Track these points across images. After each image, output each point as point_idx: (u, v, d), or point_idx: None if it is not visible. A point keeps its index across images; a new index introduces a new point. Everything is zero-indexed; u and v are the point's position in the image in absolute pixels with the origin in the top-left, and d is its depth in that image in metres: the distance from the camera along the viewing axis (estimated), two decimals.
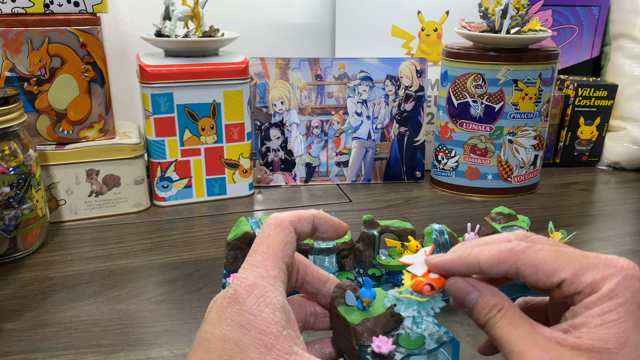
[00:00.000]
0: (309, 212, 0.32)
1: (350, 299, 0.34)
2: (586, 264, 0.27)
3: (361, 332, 0.33)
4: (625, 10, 1.00)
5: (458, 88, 0.82)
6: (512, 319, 0.28)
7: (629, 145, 0.97)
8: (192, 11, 0.76)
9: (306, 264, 0.34)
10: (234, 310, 0.27)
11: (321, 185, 0.90)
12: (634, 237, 0.71)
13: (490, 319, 0.29)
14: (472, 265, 0.30)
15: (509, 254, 0.29)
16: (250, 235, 0.54)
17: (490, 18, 0.80)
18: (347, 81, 0.87)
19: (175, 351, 0.47)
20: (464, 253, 0.30)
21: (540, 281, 0.28)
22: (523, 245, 0.29)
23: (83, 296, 0.56)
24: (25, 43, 0.68)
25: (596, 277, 0.27)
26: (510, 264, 0.29)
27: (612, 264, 0.27)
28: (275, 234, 0.30)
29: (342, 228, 0.34)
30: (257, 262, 0.29)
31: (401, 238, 0.56)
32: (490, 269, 0.29)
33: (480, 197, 0.85)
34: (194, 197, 0.81)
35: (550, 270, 0.28)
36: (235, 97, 0.78)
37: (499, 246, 0.29)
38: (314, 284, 0.34)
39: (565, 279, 0.28)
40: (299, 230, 0.31)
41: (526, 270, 0.28)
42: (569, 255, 0.28)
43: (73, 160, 0.72)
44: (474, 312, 0.30)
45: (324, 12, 1.00)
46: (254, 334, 0.26)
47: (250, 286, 0.27)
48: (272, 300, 0.27)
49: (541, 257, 0.28)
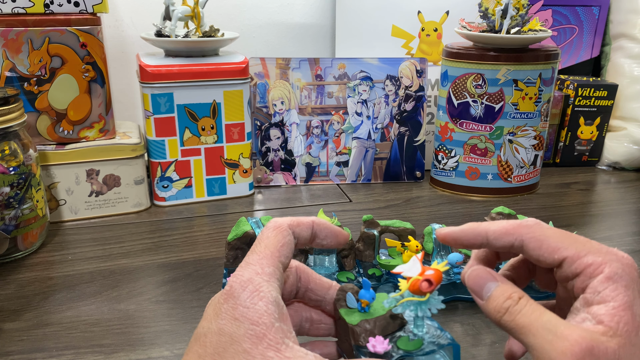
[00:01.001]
0: (309, 218, 0.33)
1: (350, 301, 0.34)
2: (589, 247, 0.29)
3: (359, 333, 0.33)
4: (625, 10, 1.00)
5: (458, 88, 0.82)
6: (535, 307, 0.28)
7: (629, 145, 0.97)
8: (192, 11, 0.76)
9: (308, 272, 0.35)
10: (229, 305, 0.28)
11: (321, 185, 0.90)
12: (634, 237, 0.71)
13: (511, 306, 0.29)
14: (480, 234, 0.31)
15: (517, 226, 0.30)
16: (250, 235, 0.54)
17: (490, 18, 0.80)
18: (347, 81, 0.87)
19: (175, 351, 0.47)
20: (474, 224, 0.32)
21: (542, 256, 0.29)
22: (532, 221, 0.31)
23: (83, 296, 0.56)
24: (26, 43, 0.68)
25: (597, 260, 0.28)
26: (516, 235, 0.30)
27: (613, 252, 0.28)
28: (273, 235, 0.31)
29: (342, 236, 0.34)
30: (254, 260, 0.29)
31: (401, 238, 0.56)
32: (498, 239, 0.30)
33: (480, 197, 0.85)
34: (194, 197, 0.81)
35: (554, 247, 0.29)
36: (236, 97, 0.78)
37: (508, 221, 0.31)
38: (318, 291, 0.35)
39: (567, 257, 0.28)
40: (297, 235, 0.32)
41: (530, 243, 0.30)
42: (573, 237, 0.29)
43: (73, 160, 0.72)
44: (491, 301, 0.30)
45: (324, 12, 1.00)
46: (247, 325, 0.26)
47: (245, 282, 0.28)
48: (266, 294, 0.28)
49: (547, 234, 0.29)
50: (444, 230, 0.33)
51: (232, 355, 0.26)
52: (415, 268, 0.32)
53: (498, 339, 0.43)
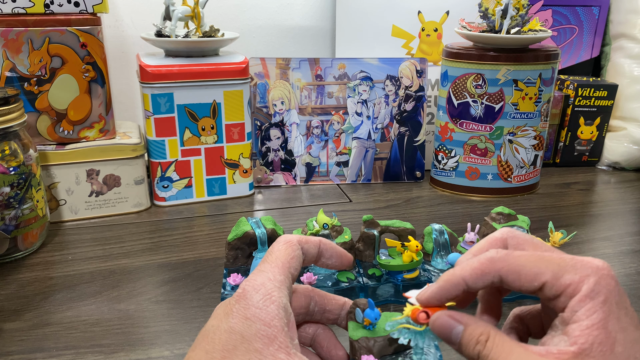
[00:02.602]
0: (317, 238, 0.35)
1: (358, 316, 0.36)
2: (564, 267, 0.28)
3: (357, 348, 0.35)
4: (625, 10, 1.00)
5: (458, 88, 0.82)
6: (503, 346, 0.29)
7: (629, 145, 0.97)
8: (192, 11, 0.76)
9: (322, 294, 0.37)
10: (241, 305, 0.28)
11: (321, 185, 0.90)
12: (634, 237, 0.71)
13: (481, 352, 0.29)
14: (459, 284, 0.30)
15: (490, 264, 0.30)
16: (250, 235, 0.54)
17: (490, 18, 0.80)
18: (347, 81, 0.87)
19: (176, 351, 0.47)
20: (448, 276, 0.31)
21: (523, 286, 0.29)
22: (502, 252, 0.30)
23: (83, 296, 0.56)
24: (26, 43, 0.68)
25: (574, 279, 0.28)
26: (493, 273, 0.30)
27: (588, 265, 0.28)
28: (284, 248, 0.32)
29: (347, 258, 0.36)
30: (266, 268, 0.31)
31: (401, 238, 0.56)
32: (476, 282, 0.30)
33: (480, 197, 0.85)
34: (194, 197, 0.81)
35: (532, 275, 0.29)
36: (236, 97, 0.78)
37: (479, 258, 0.30)
38: (334, 311, 0.37)
39: (546, 282, 0.28)
40: (305, 251, 0.34)
41: (509, 277, 0.29)
42: (547, 259, 0.29)
43: (73, 160, 0.72)
44: (462, 347, 0.30)
45: (324, 12, 1.00)
46: (258, 326, 0.27)
47: (258, 285, 0.29)
48: (277, 299, 0.29)
49: (521, 262, 0.29)
50: (423, 295, 0.32)
51: (242, 353, 0.27)
52: None
53: None
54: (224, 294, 0.51)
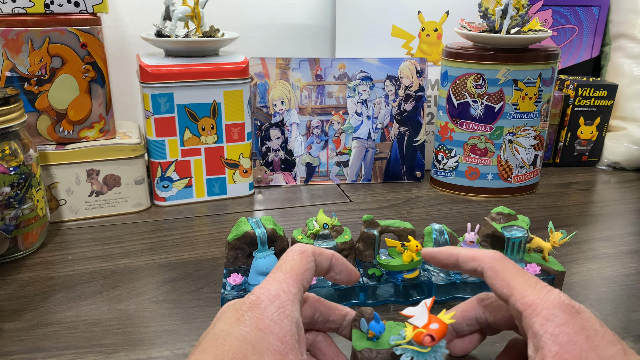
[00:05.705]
0: (330, 251, 0.36)
1: (363, 326, 0.36)
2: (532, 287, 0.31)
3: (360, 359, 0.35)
4: (625, 10, 1.00)
5: (458, 88, 0.82)
6: None
7: (629, 145, 0.97)
8: (192, 11, 0.76)
9: (327, 304, 0.37)
10: (254, 314, 0.28)
11: (321, 185, 0.90)
12: (634, 237, 0.71)
13: None
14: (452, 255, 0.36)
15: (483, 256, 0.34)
16: (250, 235, 0.54)
17: (490, 18, 0.80)
18: (347, 81, 0.87)
19: (176, 351, 0.47)
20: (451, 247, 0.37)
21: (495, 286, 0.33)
22: (499, 255, 0.34)
23: (83, 296, 0.56)
24: (26, 43, 0.68)
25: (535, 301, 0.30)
26: (480, 262, 0.34)
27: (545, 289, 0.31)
28: (298, 259, 0.33)
29: (355, 275, 0.38)
30: (280, 278, 0.31)
31: (401, 238, 0.56)
32: (465, 263, 0.35)
33: (480, 197, 0.85)
34: (194, 197, 0.81)
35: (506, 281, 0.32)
36: (236, 97, 0.78)
37: (480, 249, 0.35)
38: (337, 320, 0.38)
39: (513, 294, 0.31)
40: (318, 263, 0.34)
41: (488, 272, 0.33)
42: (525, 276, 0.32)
43: (73, 160, 0.72)
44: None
45: (324, 12, 1.00)
46: (271, 339, 0.27)
47: (273, 296, 0.29)
48: (290, 314, 0.29)
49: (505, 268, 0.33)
50: (426, 249, 0.38)
51: None
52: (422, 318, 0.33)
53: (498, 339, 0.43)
54: (224, 294, 0.51)
